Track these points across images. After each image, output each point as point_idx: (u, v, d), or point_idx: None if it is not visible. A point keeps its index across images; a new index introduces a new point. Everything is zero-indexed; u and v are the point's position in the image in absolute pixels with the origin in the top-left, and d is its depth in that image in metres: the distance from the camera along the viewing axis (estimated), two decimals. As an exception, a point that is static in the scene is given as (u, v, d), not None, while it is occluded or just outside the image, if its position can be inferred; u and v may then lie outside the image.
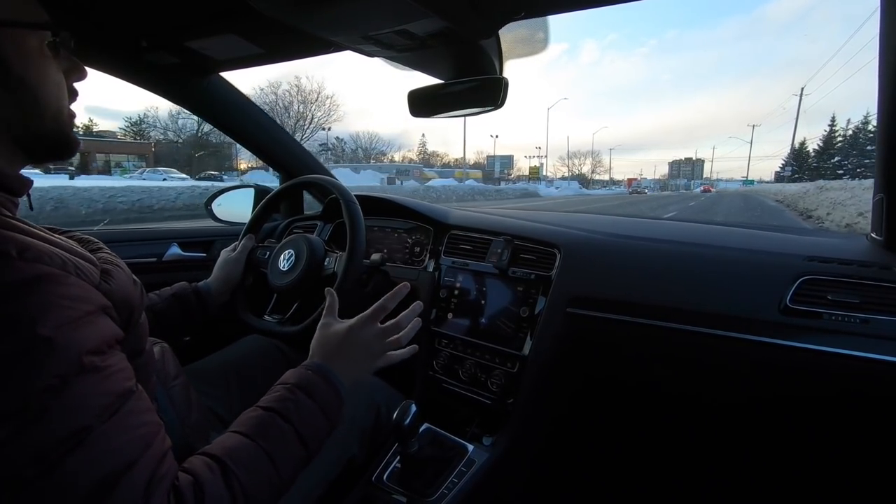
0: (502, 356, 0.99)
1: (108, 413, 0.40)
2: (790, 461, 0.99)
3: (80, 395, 0.39)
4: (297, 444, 0.54)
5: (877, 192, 0.82)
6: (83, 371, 0.39)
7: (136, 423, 0.42)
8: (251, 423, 0.54)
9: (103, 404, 0.40)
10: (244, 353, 1.05)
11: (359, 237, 0.96)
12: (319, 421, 0.58)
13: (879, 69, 0.71)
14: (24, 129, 0.49)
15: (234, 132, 1.38)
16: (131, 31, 0.92)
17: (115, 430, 0.40)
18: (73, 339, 0.39)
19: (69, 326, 0.40)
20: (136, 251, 1.27)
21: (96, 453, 0.38)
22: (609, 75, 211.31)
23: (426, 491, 0.83)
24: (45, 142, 0.52)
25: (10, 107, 0.48)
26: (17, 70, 0.47)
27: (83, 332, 0.41)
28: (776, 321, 0.79)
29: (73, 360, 0.39)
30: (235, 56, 1.03)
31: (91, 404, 0.39)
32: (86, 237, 0.59)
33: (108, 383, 0.41)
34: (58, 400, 0.37)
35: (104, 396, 0.40)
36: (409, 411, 0.76)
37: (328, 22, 0.73)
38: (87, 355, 0.40)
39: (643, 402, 1.04)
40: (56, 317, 0.39)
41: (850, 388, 0.77)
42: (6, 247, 0.39)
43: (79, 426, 0.38)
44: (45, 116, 0.50)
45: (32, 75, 0.49)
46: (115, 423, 0.40)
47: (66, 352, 0.38)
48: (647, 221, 1.25)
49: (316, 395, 0.59)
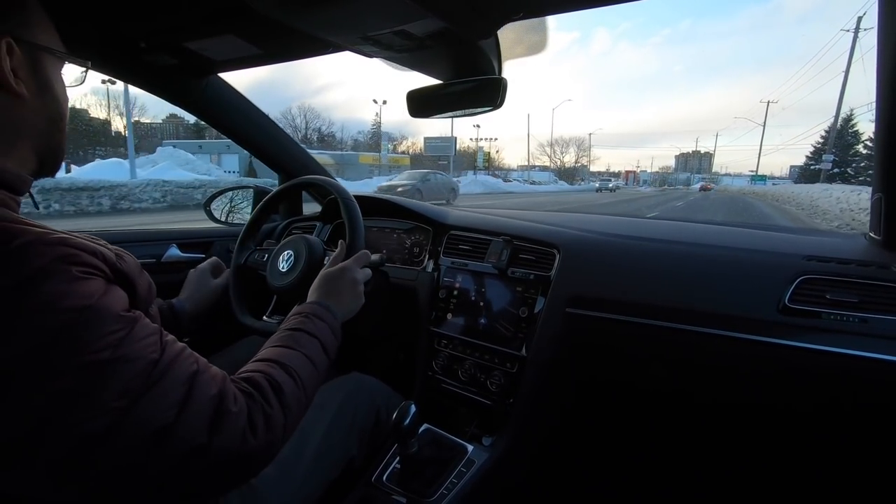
0: (501, 356, 0.99)
1: (160, 346, 0.48)
2: (788, 460, 1.00)
3: (136, 340, 0.46)
4: (322, 352, 0.68)
5: (875, 191, 0.82)
6: (128, 323, 0.46)
7: (179, 347, 0.51)
8: (285, 338, 0.67)
9: (153, 342, 0.48)
10: (244, 354, 1.04)
11: (358, 237, 0.95)
12: (331, 337, 0.72)
13: (878, 69, 0.72)
14: (47, 142, 0.55)
15: (233, 133, 1.37)
16: (130, 31, 0.92)
17: (171, 355, 0.48)
18: (107, 303, 0.45)
19: (99, 293, 0.45)
20: (135, 252, 1.25)
21: (168, 374, 0.46)
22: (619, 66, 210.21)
23: (426, 491, 0.83)
24: (57, 155, 0.58)
25: (42, 121, 0.54)
26: (55, 89, 0.55)
27: (112, 296, 0.47)
28: (775, 320, 0.79)
29: (116, 317, 0.45)
30: (234, 57, 1.03)
31: (146, 343, 0.46)
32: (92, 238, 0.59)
33: (147, 327, 0.48)
34: (121, 350, 0.44)
35: (151, 335, 0.48)
36: (408, 412, 0.76)
37: (327, 22, 0.73)
38: (123, 312, 0.47)
39: (642, 402, 1.04)
40: (86, 288, 0.44)
41: (848, 387, 0.77)
42: (26, 237, 0.43)
43: (146, 362, 0.45)
44: (63, 132, 0.58)
45: (62, 94, 0.57)
46: (168, 351, 0.48)
47: (109, 313, 0.45)
48: (647, 221, 1.25)
49: (325, 318, 0.74)
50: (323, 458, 0.80)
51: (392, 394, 1.00)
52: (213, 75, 1.20)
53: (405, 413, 0.75)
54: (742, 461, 1.05)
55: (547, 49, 0.90)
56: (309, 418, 0.87)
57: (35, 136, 0.54)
